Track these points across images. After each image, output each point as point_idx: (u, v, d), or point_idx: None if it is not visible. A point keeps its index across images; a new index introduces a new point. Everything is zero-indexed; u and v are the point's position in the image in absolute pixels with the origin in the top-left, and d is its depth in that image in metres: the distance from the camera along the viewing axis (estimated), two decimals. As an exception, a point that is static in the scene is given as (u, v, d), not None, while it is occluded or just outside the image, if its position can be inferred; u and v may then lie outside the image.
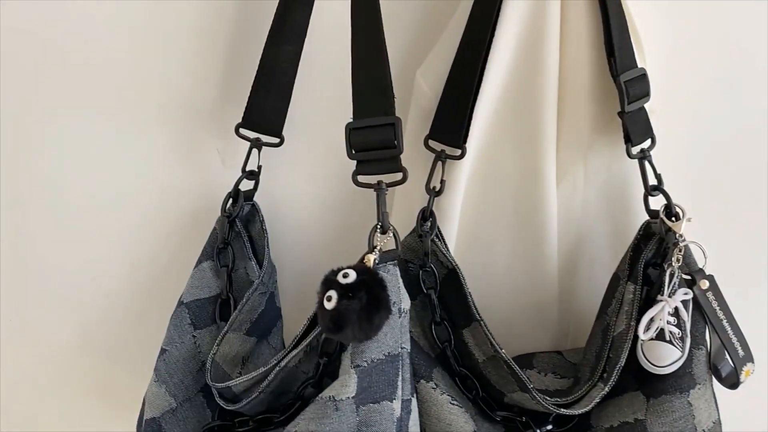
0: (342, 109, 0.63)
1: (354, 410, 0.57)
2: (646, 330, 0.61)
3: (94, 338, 0.83)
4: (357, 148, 0.60)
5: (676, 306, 0.62)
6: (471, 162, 0.69)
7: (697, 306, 0.64)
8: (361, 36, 0.61)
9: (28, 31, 0.75)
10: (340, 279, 0.54)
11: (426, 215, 0.67)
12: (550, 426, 0.66)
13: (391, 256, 0.60)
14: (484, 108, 0.67)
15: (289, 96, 0.70)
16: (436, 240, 0.67)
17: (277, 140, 0.72)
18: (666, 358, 0.61)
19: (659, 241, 0.65)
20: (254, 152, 0.73)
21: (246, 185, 0.74)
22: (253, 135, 0.72)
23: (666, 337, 0.61)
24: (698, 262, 0.65)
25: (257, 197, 0.74)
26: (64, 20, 0.75)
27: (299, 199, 0.77)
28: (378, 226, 0.60)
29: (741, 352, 0.64)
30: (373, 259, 0.57)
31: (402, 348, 0.60)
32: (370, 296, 0.54)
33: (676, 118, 0.74)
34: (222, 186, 0.74)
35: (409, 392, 0.60)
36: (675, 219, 0.65)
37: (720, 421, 0.65)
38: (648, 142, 0.67)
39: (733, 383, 0.65)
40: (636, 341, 0.63)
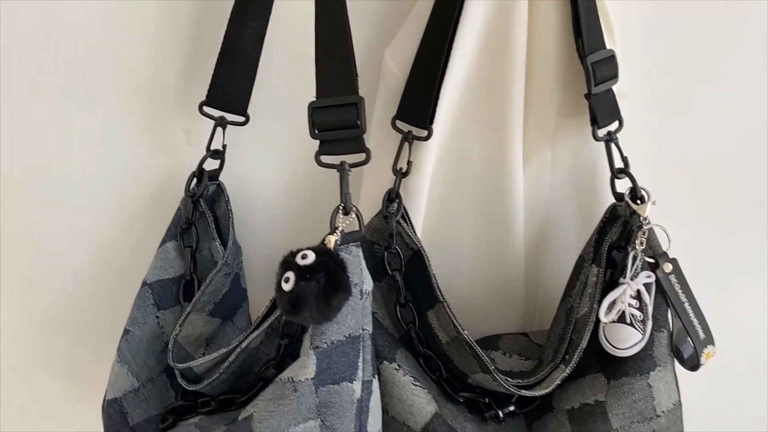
0: (308, 87, 0.61)
1: (313, 391, 0.57)
2: (608, 312, 0.61)
3: (61, 319, 0.83)
4: (320, 128, 0.59)
5: (638, 289, 0.62)
6: (438, 144, 0.69)
7: (659, 289, 0.64)
8: (325, 14, 0.60)
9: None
10: (299, 260, 0.54)
11: (392, 196, 0.67)
12: (513, 407, 0.66)
13: (353, 238, 0.59)
14: (451, 89, 0.66)
15: (254, 74, 0.69)
16: (402, 221, 0.67)
17: (242, 119, 0.71)
18: (627, 341, 0.61)
19: (623, 224, 0.65)
20: (219, 131, 0.72)
21: (212, 165, 0.73)
22: (217, 113, 0.71)
23: (627, 320, 0.61)
24: (662, 245, 0.65)
25: (223, 177, 0.73)
26: (28, 1, 0.73)
27: (265, 179, 0.76)
28: (340, 207, 0.59)
29: (702, 335, 0.65)
30: (334, 240, 0.57)
31: (363, 329, 0.59)
32: (328, 278, 0.54)
33: (648, 103, 0.74)
34: (188, 166, 0.73)
35: (370, 373, 0.60)
36: (640, 202, 0.65)
37: (680, 403, 0.65)
38: (615, 124, 0.67)
39: (693, 365, 0.65)
40: (598, 323, 0.63)
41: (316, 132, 0.59)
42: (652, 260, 0.64)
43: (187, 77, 0.73)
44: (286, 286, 0.53)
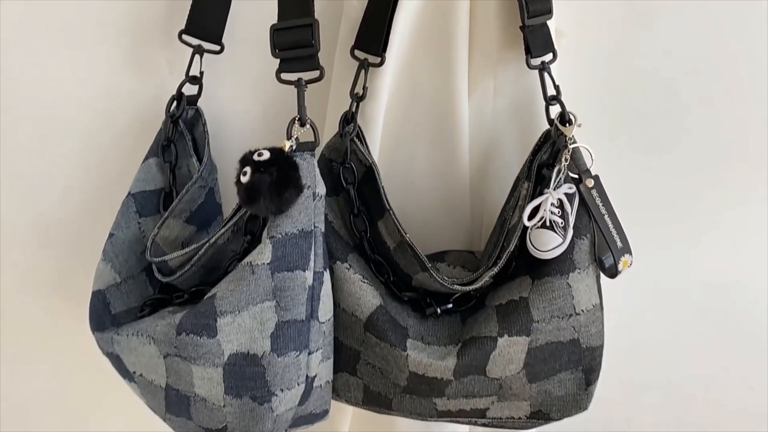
0: (275, 18, 0.69)
1: (269, 275, 0.65)
2: (531, 218, 0.69)
3: (52, 233, 0.91)
4: (279, 48, 0.67)
5: (559, 198, 0.70)
6: (392, 71, 0.76)
7: (582, 202, 0.72)
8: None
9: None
10: (255, 157, 0.62)
11: (348, 118, 0.75)
12: (450, 305, 0.75)
13: (308, 146, 0.67)
14: (403, 20, 0.74)
15: (228, 5, 0.77)
16: (356, 140, 0.75)
17: (217, 47, 0.79)
18: (548, 244, 0.70)
19: (552, 144, 0.73)
20: (197, 59, 0.79)
21: (191, 90, 0.81)
22: (195, 42, 0.78)
23: (548, 224, 0.69)
24: (587, 163, 0.73)
25: (201, 103, 0.81)
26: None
27: (240, 104, 0.83)
28: (297, 119, 0.67)
29: (620, 244, 0.73)
30: (288, 145, 0.65)
31: (315, 227, 0.67)
32: (280, 173, 0.62)
33: (588, 44, 0.82)
34: (170, 92, 0.81)
35: (321, 266, 0.68)
36: (569, 125, 0.73)
37: (601, 306, 0.73)
38: (549, 56, 0.74)
39: (612, 273, 0.73)
40: (526, 231, 0.72)
41: (277, 51, 0.67)
42: (576, 176, 0.72)
43: (170, 8, 0.80)
44: (244, 179, 0.62)
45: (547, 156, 0.73)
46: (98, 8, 0.82)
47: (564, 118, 0.72)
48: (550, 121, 0.75)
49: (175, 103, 0.80)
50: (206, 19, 0.77)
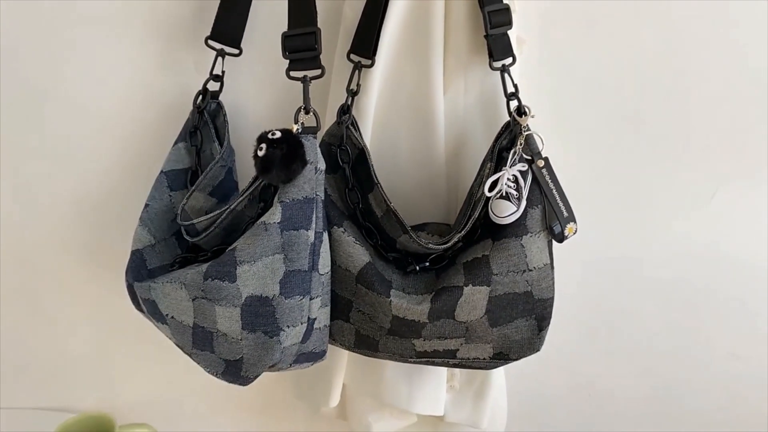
0: (286, 27, 0.85)
1: (279, 233, 0.81)
2: (491, 190, 0.85)
3: (97, 204, 1.06)
4: (289, 51, 0.83)
5: (514, 174, 0.85)
6: (380, 71, 0.92)
7: (534, 179, 0.88)
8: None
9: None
10: (269, 136, 0.78)
11: (344, 109, 0.90)
12: (427, 264, 0.90)
13: (311, 130, 0.83)
14: (390, 30, 0.89)
15: (246, 14, 0.93)
16: (351, 127, 0.90)
17: (237, 51, 0.95)
18: (505, 211, 0.85)
19: (510, 132, 0.88)
20: (219, 60, 0.96)
21: (214, 87, 0.97)
22: (218, 46, 0.94)
23: (504, 195, 0.85)
24: (538, 146, 0.89)
25: (222, 97, 0.97)
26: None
27: (255, 97, 0.99)
28: (302, 108, 0.83)
29: (566, 214, 0.88)
30: (295, 128, 0.81)
31: (317, 195, 0.83)
32: (289, 149, 0.78)
33: (542, 49, 0.98)
34: (196, 88, 0.97)
35: (321, 227, 0.84)
36: (524, 116, 0.88)
37: (552, 266, 0.88)
38: (509, 59, 0.90)
39: (560, 238, 0.89)
40: (488, 201, 0.87)
41: (287, 54, 0.83)
42: (529, 157, 0.88)
43: (198, 19, 0.96)
44: (260, 153, 0.78)
45: (507, 141, 0.89)
46: (140, 20, 0.98)
47: (520, 110, 0.88)
48: (509, 113, 0.90)
49: (200, 97, 0.95)
50: (228, 28, 0.93)
